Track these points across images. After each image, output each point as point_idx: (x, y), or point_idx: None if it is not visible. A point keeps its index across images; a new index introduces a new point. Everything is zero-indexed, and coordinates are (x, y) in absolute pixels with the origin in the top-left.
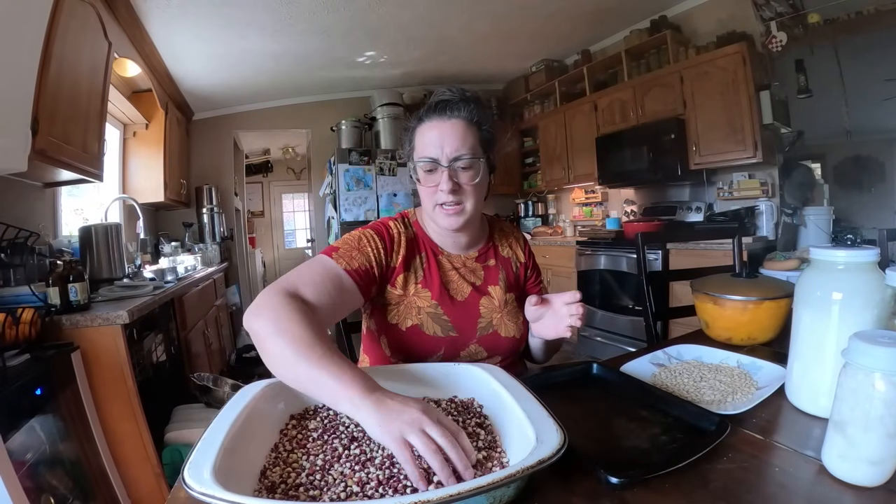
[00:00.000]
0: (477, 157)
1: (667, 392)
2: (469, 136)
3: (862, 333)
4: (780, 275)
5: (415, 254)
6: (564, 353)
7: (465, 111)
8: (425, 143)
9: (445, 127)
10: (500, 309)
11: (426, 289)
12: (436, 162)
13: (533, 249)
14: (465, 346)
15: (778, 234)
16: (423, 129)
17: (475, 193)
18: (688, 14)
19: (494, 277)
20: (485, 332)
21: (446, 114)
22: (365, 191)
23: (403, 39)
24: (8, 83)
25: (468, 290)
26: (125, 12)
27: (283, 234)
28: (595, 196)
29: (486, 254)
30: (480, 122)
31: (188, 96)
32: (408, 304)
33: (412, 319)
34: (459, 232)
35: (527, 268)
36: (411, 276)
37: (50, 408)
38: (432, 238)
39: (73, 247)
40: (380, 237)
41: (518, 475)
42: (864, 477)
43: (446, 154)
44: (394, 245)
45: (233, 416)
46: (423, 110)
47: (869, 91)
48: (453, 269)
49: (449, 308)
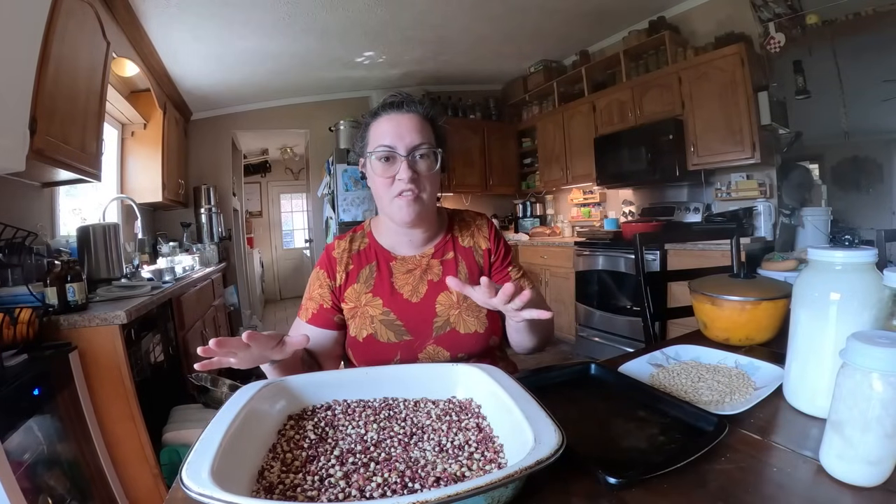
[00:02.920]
0: (434, 148)
1: (665, 392)
2: (425, 130)
3: (860, 334)
4: (778, 275)
5: (364, 264)
6: (563, 354)
7: (420, 107)
8: (381, 133)
9: (402, 119)
10: (457, 305)
11: (377, 297)
12: (393, 150)
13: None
14: (421, 347)
15: (776, 234)
16: (378, 122)
17: (432, 184)
18: (686, 15)
19: (452, 270)
20: (441, 330)
21: (403, 108)
22: (363, 191)
23: (402, 40)
24: (6, 83)
25: (424, 288)
26: (124, 12)
27: (281, 234)
28: (593, 197)
29: (443, 248)
30: (435, 119)
31: (186, 96)
32: (361, 314)
33: (367, 329)
34: (415, 227)
35: (490, 253)
36: (361, 287)
37: (48, 408)
38: (385, 244)
39: (71, 247)
40: (322, 268)
41: (516, 476)
42: (862, 477)
43: (405, 144)
44: (334, 266)
45: (231, 416)
46: (377, 107)
47: (867, 92)
48: (408, 272)
49: (402, 312)
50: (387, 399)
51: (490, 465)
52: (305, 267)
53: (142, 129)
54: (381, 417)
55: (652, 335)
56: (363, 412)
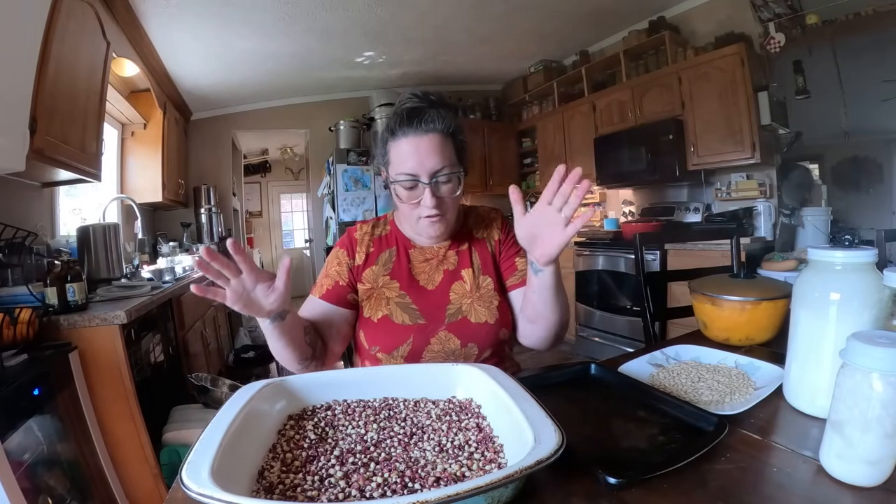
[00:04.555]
0: (455, 170)
1: (665, 392)
2: (446, 149)
3: (860, 334)
4: (778, 275)
5: (384, 248)
6: (563, 354)
7: (439, 123)
8: (402, 158)
9: (422, 142)
10: (470, 294)
11: (394, 280)
12: (416, 179)
13: None
14: (434, 332)
15: (776, 234)
16: (398, 143)
17: (455, 204)
18: (686, 15)
19: (467, 261)
20: (454, 318)
21: (421, 127)
22: (363, 191)
23: (402, 40)
24: (6, 83)
25: (440, 277)
26: (124, 12)
27: (281, 234)
28: (593, 197)
29: (459, 240)
30: (455, 133)
31: (186, 96)
32: (377, 295)
33: (382, 310)
34: (439, 241)
35: (501, 243)
36: (380, 269)
37: (48, 408)
38: (406, 234)
39: (71, 247)
40: (342, 248)
41: (516, 475)
42: (862, 477)
43: (427, 170)
44: (355, 247)
45: (231, 416)
46: (395, 122)
47: (867, 92)
48: (425, 261)
49: (417, 297)
50: (387, 399)
51: (490, 465)
52: (305, 267)
53: (142, 129)
54: (381, 417)
55: (652, 335)
56: (363, 412)
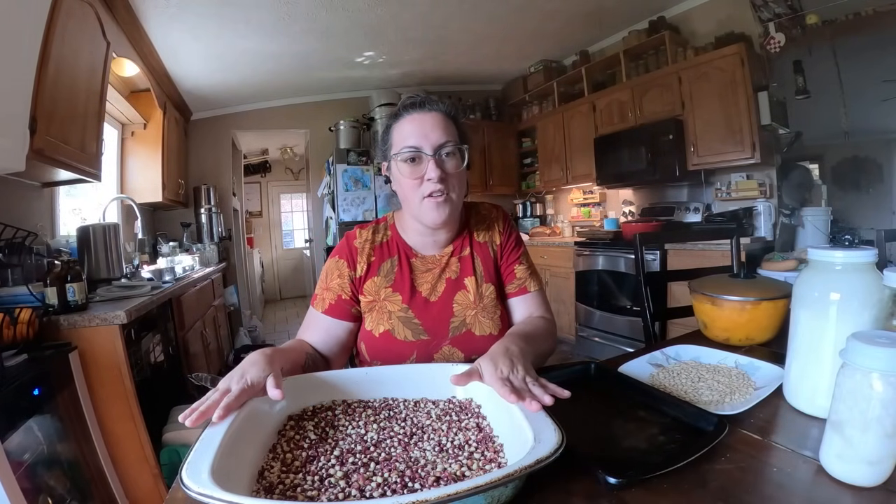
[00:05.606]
0: (459, 145)
1: (665, 392)
2: (449, 127)
3: (860, 334)
4: (777, 275)
5: (385, 257)
6: (563, 354)
7: (442, 105)
8: (405, 134)
9: (426, 118)
10: (474, 305)
11: (396, 292)
12: (420, 150)
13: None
14: (437, 348)
15: (776, 234)
16: (401, 123)
17: (460, 183)
18: (686, 15)
19: (469, 268)
20: (458, 331)
21: (425, 107)
22: (363, 191)
23: (402, 40)
24: (6, 83)
25: (443, 287)
26: (124, 12)
27: (281, 234)
28: (593, 197)
29: (461, 245)
30: (457, 117)
31: (186, 96)
32: (379, 308)
33: (384, 325)
34: (442, 228)
35: (502, 247)
36: (382, 280)
37: (48, 408)
38: (408, 241)
39: (71, 247)
40: (342, 258)
41: (516, 475)
42: (862, 477)
43: (431, 142)
44: (355, 256)
45: (231, 416)
46: (398, 108)
47: (867, 92)
48: (427, 271)
49: (420, 310)
50: (387, 399)
51: (490, 464)
52: (305, 267)
53: (142, 129)
54: (381, 417)
55: (652, 335)
56: (363, 412)
